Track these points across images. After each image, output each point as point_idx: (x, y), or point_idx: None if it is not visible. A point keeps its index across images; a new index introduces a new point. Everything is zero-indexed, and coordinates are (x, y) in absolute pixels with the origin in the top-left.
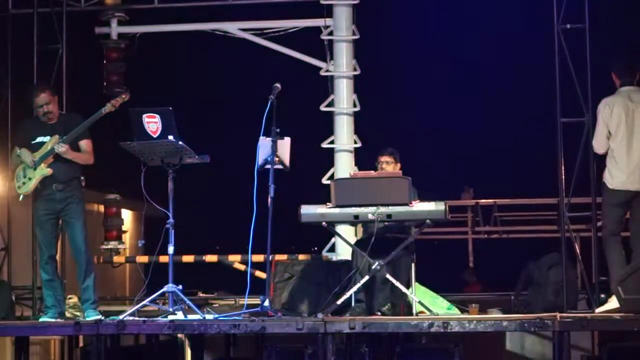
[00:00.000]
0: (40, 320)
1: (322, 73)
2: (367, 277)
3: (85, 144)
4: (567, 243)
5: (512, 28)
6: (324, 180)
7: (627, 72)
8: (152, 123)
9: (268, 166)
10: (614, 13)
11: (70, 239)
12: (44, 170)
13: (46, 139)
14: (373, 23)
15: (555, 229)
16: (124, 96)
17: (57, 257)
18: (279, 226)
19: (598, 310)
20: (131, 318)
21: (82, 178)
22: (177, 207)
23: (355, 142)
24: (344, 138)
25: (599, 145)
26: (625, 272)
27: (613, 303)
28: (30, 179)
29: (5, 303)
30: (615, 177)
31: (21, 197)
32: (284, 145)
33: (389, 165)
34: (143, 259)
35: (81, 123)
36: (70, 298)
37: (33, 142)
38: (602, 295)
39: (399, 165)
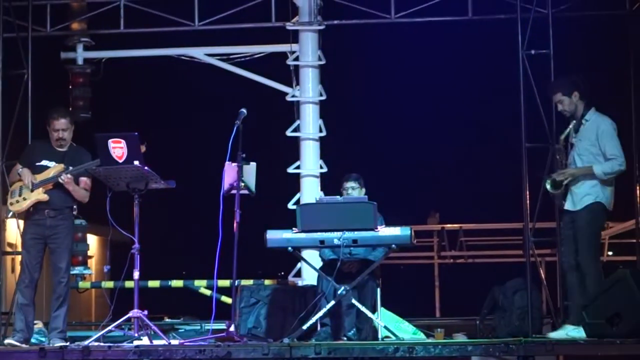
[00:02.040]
0: (6, 342)
1: (288, 98)
2: (332, 302)
3: (84, 182)
4: (532, 268)
5: (477, 54)
6: (290, 206)
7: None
8: (118, 148)
9: (234, 191)
10: (578, 39)
11: (52, 266)
12: (40, 195)
13: (51, 164)
14: (339, 49)
15: (520, 253)
16: (142, 147)
17: None
18: (245, 251)
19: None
20: (96, 344)
21: (75, 207)
22: (142, 232)
23: (321, 167)
24: (310, 163)
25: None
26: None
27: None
28: (25, 199)
29: None
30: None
31: (10, 213)
32: (250, 171)
33: (354, 191)
34: (109, 284)
35: (88, 160)
36: (35, 324)
37: (37, 163)
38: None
39: (364, 190)
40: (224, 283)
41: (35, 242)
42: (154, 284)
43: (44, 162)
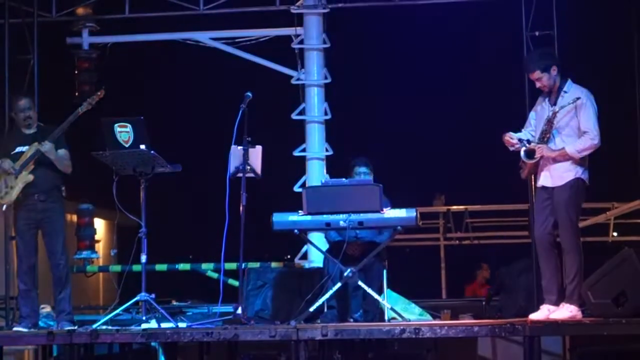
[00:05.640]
0: (14, 330)
1: (293, 81)
2: (339, 284)
3: (63, 152)
4: None
5: (481, 36)
6: (296, 188)
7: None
8: (124, 132)
9: (240, 174)
10: (582, 19)
11: (48, 250)
12: (26, 177)
13: (25, 148)
14: (344, 31)
15: (526, 234)
16: (99, 93)
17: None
18: (252, 234)
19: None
20: (104, 327)
21: (62, 188)
22: (149, 216)
23: (327, 150)
24: (315, 146)
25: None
26: (595, 276)
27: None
28: (12, 187)
29: None
30: (588, 173)
31: (4, 207)
32: (256, 154)
33: (366, 176)
34: (116, 268)
35: (58, 134)
36: (43, 308)
37: (13, 152)
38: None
39: (372, 174)
40: (231, 266)
41: (28, 228)
42: (161, 267)
43: (19, 149)
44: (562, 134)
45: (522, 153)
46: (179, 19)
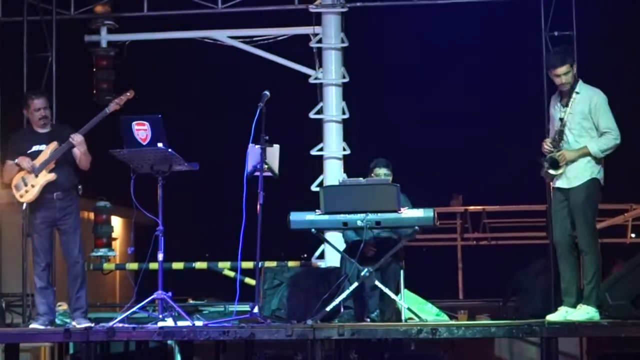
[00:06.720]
0: (31, 327)
1: (311, 80)
2: (356, 284)
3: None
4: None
5: (500, 36)
6: (313, 187)
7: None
8: (142, 130)
9: (257, 173)
10: (602, 20)
11: (64, 248)
12: (47, 176)
13: (42, 147)
14: (362, 31)
15: (543, 235)
16: (128, 94)
17: None
18: (269, 233)
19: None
20: (121, 325)
21: (79, 187)
22: (166, 214)
23: (344, 149)
24: (333, 145)
25: None
26: (613, 278)
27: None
28: (33, 186)
29: None
30: (603, 173)
31: (24, 205)
32: (273, 153)
33: (387, 177)
34: (133, 266)
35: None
36: (60, 305)
37: (29, 151)
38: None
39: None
40: (248, 265)
41: (46, 226)
42: (178, 265)
43: (35, 148)
44: (574, 134)
45: (547, 169)
46: (197, 18)
